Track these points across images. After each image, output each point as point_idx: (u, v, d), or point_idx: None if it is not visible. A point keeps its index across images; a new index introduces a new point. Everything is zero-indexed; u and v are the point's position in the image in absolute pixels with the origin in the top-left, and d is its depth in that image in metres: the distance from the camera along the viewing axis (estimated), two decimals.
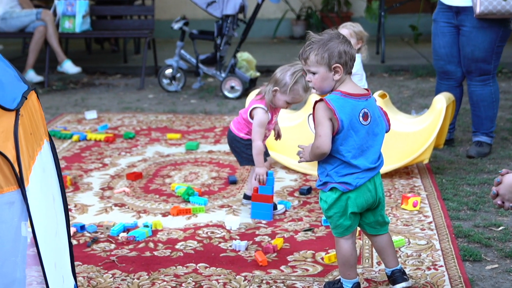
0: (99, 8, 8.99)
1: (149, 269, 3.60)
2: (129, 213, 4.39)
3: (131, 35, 9.25)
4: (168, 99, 7.53)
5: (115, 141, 5.93)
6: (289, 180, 4.93)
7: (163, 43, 10.04)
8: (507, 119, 6.29)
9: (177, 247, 3.87)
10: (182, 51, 7.76)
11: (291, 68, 4.10)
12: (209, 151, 5.62)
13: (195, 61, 7.77)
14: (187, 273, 3.54)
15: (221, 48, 7.63)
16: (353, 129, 3.06)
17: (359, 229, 3.33)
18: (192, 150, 5.65)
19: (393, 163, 4.81)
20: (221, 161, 5.36)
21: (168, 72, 7.86)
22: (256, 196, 4.22)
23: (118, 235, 4.02)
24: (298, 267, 3.60)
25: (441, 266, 3.56)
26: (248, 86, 7.53)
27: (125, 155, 5.57)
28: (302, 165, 4.92)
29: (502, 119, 6.25)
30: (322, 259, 3.68)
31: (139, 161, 5.41)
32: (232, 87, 7.51)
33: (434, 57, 5.49)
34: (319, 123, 3.06)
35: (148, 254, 3.79)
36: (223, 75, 7.60)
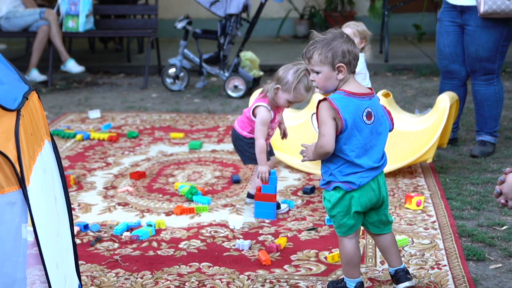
0: (103, 7, 9.00)
1: (152, 268, 3.60)
2: (132, 212, 4.39)
3: (134, 34, 9.25)
4: (171, 98, 7.54)
5: (119, 140, 5.93)
6: (292, 179, 4.93)
7: (167, 43, 10.04)
8: (511, 118, 6.28)
9: (181, 246, 3.87)
10: (185, 51, 7.76)
11: (294, 67, 4.11)
12: (213, 150, 5.62)
13: (198, 60, 7.77)
14: (191, 272, 3.55)
15: (225, 47, 7.63)
16: (357, 128, 3.05)
17: (362, 228, 3.33)
18: (195, 149, 5.65)
19: (397, 162, 4.81)
20: (224, 160, 5.36)
21: (171, 71, 7.86)
22: (259, 195, 4.22)
23: (121, 234, 4.02)
24: (301, 266, 3.60)
25: (445, 265, 3.56)
26: (251, 85, 7.53)
27: (128, 154, 5.57)
28: (305, 164, 4.91)
29: (506, 118, 6.24)
30: (325, 258, 3.68)
31: (142, 160, 5.41)
32: (235, 86, 7.51)
33: (438, 56, 5.48)
34: (323, 122, 3.05)
35: (151, 253, 3.79)
36: (227, 74, 7.60)
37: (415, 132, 4.87)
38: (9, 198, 2.18)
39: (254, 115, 4.23)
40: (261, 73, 7.82)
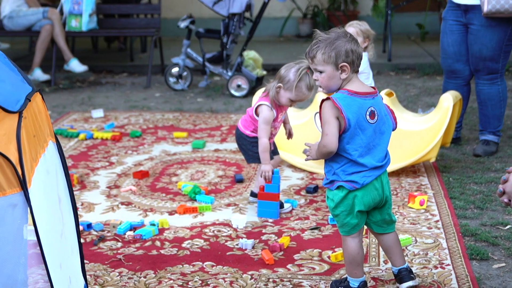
0: (106, 6, 9.01)
1: (155, 267, 3.60)
2: (135, 212, 4.39)
3: (137, 33, 9.25)
4: (174, 98, 7.54)
5: (122, 139, 5.94)
6: (295, 178, 4.93)
7: (170, 42, 10.05)
8: None
9: (184, 245, 3.87)
10: (188, 50, 7.76)
11: (296, 65, 4.10)
12: (216, 150, 5.62)
13: (201, 60, 7.77)
14: (194, 272, 3.55)
15: (228, 46, 7.63)
16: (360, 127, 3.05)
17: (366, 227, 3.33)
18: (198, 148, 5.65)
19: (400, 161, 4.80)
20: (227, 160, 5.36)
21: (174, 70, 7.86)
22: (262, 194, 4.22)
23: (124, 234, 4.02)
24: (304, 265, 3.60)
25: (448, 264, 3.56)
26: (254, 84, 7.53)
27: (131, 153, 5.57)
28: (308, 163, 4.91)
29: (509, 117, 6.23)
30: (328, 257, 3.67)
31: (145, 159, 5.42)
32: (238, 86, 7.51)
33: (442, 55, 5.48)
34: (326, 121, 3.05)
35: (154, 252, 3.79)
36: (230, 73, 7.61)
37: (418, 131, 4.87)
38: (10, 200, 2.18)
39: (257, 114, 4.24)
40: (264, 72, 7.82)
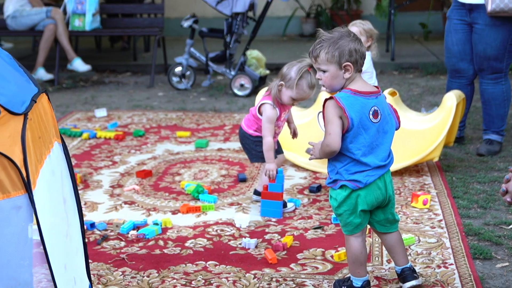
0: (109, 6, 9.02)
1: (159, 266, 3.60)
2: (139, 211, 4.39)
3: (141, 33, 9.24)
4: (177, 97, 7.54)
5: (125, 139, 5.94)
6: (299, 178, 4.93)
7: (173, 41, 10.05)
8: None
9: (187, 245, 3.87)
10: (191, 49, 7.76)
11: (298, 63, 4.11)
12: (219, 149, 5.62)
13: (204, 59, 7.77)
14: (197, 271, 3.55)
15: (231, 46, 7.63)
16: (363, 127, 3.05)
17: (369, 227, 3.33)
18: (201, 148, 5.65)
19: (403, 161, 4.80)
20: (230, 159, 5.36)
21: (177, 70, 7.87)
22: (266, 193, 4.22)
23: (128, 233, 4.02)
24: (307, 265, 3.60)
25: (451, 264, 3.55)
26: (257, 84, 7.53)
27: (135, 153, 5.57)
28: (312, 163, 4.91)
29: None
30: (332, 257, 3.67)
31: (148, 159, 5.42)
32: (241, 85, 7.51)
33: (446, 54, 5.47)
34: (329, 121, 3.05)
35: (158, 252, 3.79)
36: (233, 73, 7.61)
37: (422, 130, 4.86)
38: (15, 202, 2.18)
39: (260, 113, 4.24)
40: (267, 72, 7.82)
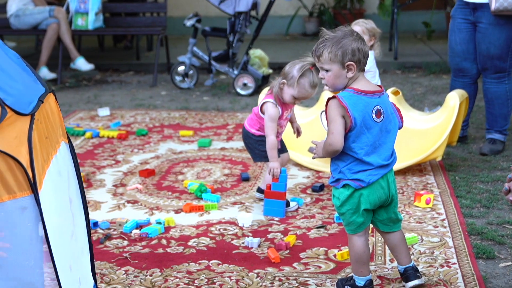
0: (112, 5, 9.02)
1: (161, 265, 3.60)
2: (141, 210, 4.39)
3: (143, 32, 9.26)
4: (180, 96, 7.55)
5: (128, 138, 5.95)
6: (301, 177, 4.93)
7: (176, 40, 10.05)
8: None
9: (190, 244, 3.88)
10: (194, 48, 7.76)
11: (300, 62, 4.11)
12: (222, 148, 5.62)
13: (207, 58, 7.78)
14: (200, 270, 3.55)
15: (234, 45, 7.63)
16: (366, 126, 3.05)
17: (372, 226, 3.33)
18: (204, 147, 5.65)
19: (406, 160, 4.80)
20: (233, 158, 5.36)
21: (180, 69, 7.87)
22: (269, 193, 4.22)
23: (130, 232, 4.03)
24: (310, 264, 3.60)
25: (454, 263, 3.55)
26: (260, 83, 7.53)
27: (137, 152, 5.58)
28: (314, 162, 4.91)
29: None
30: (334, 256, 3.67)
31: (151, 158, 5.42)
32: (244, 84, 7.51)
33: (449, 53, 5.47)
34: (332, 120, 3.05)
35: (160, 250, 3.79)
36: (236, 72, 7.61)
37: (425, 130, 4.86)
38: (21, 203, 2.18)
39: (262, 112, 4.24)
40: (270, 71, 7.82)
